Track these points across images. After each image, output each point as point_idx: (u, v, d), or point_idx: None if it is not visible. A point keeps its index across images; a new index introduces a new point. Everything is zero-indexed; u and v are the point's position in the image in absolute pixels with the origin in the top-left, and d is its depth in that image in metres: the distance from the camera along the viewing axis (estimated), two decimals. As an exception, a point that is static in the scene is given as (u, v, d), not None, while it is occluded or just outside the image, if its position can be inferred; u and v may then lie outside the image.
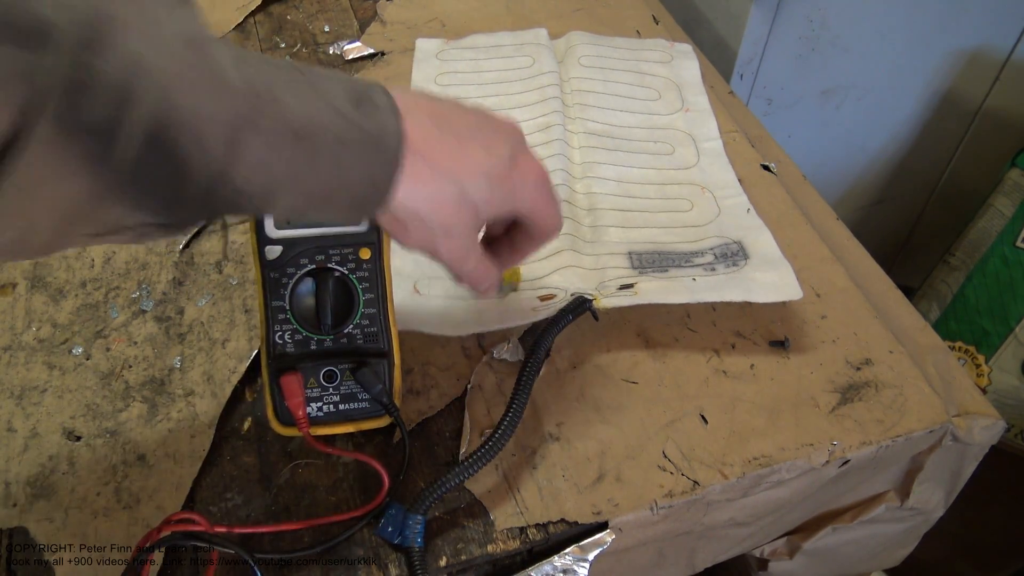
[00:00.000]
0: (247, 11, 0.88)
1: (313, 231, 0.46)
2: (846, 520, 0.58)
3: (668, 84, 0.78)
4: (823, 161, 1.27)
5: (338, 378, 0.47)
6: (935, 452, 0.54)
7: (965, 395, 0.55)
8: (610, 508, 0.48)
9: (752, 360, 0.56)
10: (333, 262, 0.46)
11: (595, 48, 0.81)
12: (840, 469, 0.52)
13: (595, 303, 0.54)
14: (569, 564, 0.47)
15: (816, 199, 0.70)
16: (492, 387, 0.54)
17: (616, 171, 0.68)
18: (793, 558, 0.60)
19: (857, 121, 1.23)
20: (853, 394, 0.54)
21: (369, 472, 0.49)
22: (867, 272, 0.64)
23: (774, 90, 1.12)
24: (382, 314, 0.48)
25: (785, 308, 0.59)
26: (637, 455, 0.50)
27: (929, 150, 1.32)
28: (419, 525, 0.45)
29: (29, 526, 0.46)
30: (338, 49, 0.83)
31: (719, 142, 0.72)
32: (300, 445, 0.51)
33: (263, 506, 0.48)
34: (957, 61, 1.18)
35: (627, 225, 0.63)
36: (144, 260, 0.62)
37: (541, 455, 0.50)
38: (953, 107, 1.25)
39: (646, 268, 0.59)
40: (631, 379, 0.54)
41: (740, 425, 0.52)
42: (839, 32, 1.08)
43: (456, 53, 0.81)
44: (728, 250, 0.60)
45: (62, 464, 0.50)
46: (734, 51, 1.04)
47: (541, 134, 0.71)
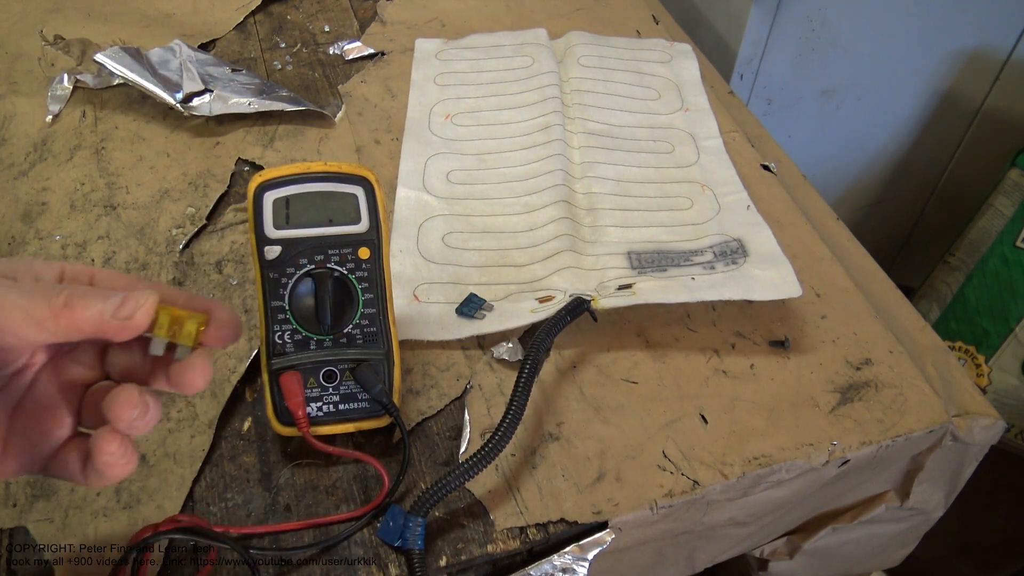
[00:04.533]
0: (247, 11, 0.88)
1: (313, 231, 0.46)
2: (846, 520, 0.58)
3: (668, 84, 0.78)
4: (823, 161, 1.27)
5: (338, 378, 0.47)
6: (935, 452, 0.54)
7: (965, 395, 0.55)
8: (610, 508, 0.48)
9: (752, 360, 0.56)
10: (332, 262, 0.46)
11: (595, 48, 0.81)
12: (840, 469, 0.52)
13: (593, 304, 0.54)
14: (569, 563, 0.47)
15: (816, 199, 0.70)
16: (492, 387, 0.54)
17: (616, 170, 0.68)
18: (793, 558, 0.60)
19: (857, 121, 1.23)
20: (853, 394, 0.54)
21: (369, 472, 0.49)
22: (867, 272, 0.64)
23: (774, 90, 1.12)
24: (382, 314, 0.48)
25: (785, 308, 0.59)
26: (637, 455, 0.50)
27: (929, 150, 1.32)
28: (420, 527, 0.45)
29: (29, 526, 0.46)
30: (338, 49, 0.83)
31: (719, 140, 0.72)
32: (300, 445, 0.50)
33: (263, 506, 0.48)
34: (957, 61, 1.18)
35: (626, 225, 0.63)
36: (144, 260, 0.62)
37: (541, 455, 0.50)
38: (953, 107, 1.25)
39: (645, 268, 0.59)
40: (631, 379, 0.54)
41: (740, 425, 0.52)
42: (839, 32, 1.08)
43: (456, 53, 0.81)
44: (728, 248, 0.60)
45: (62, 464, 0.50)
46: (734, 51, 1.04)
47: (541, 134, 0.71)
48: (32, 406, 0.34)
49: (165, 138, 0.73)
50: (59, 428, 0.34)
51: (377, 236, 0.47)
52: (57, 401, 0.34)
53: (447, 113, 0.74)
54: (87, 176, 0.69)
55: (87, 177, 0.69)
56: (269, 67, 0.82)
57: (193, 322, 0.33)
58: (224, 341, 0.34)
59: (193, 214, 0.66)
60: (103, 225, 0.65)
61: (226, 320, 0.34)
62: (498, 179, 0.68)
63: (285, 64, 0.82)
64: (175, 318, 0.33)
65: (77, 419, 0.35)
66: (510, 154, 0.70)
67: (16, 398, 0.34)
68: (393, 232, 0.63)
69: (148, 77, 0.72)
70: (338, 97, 0.77)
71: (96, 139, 0.73)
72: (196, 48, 0.79)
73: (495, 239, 0.63)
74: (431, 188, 0.67)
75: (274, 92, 0.75)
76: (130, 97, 0.77)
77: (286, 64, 0.82)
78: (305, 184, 0.47)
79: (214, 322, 0.33)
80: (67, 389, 0.35)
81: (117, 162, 0.71)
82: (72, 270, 0.33)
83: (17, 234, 0.64)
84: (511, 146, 0.71)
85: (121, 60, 0.72)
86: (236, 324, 0.34)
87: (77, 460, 0.34)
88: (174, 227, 0.65)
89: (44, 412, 0.34)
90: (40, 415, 0.34)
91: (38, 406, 0.34)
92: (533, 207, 0.65)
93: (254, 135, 0.73)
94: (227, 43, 0.85)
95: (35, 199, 0.67)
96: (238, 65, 0.80)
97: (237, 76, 0.76)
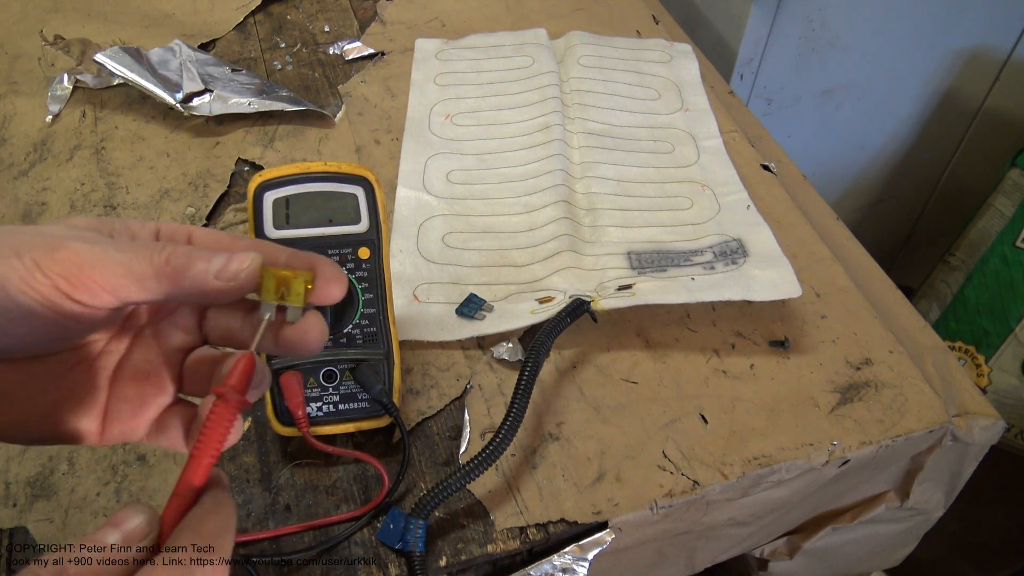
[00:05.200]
0: (247, 11, 0.88)
1: (313, 231, 0.46)
2: (846, 520, 0.58)
3: (668, 84, 0.78)
4: (823, 161, 1.27)
5: (338, 378, 0.47)
6: (935, 452, 0.54)
7: (965, 395, 0.55)
8: (610, 508, 0.48)
9: (752, 360, 0.56)
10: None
11: (595, 48, 0.81)
12: (840, 469, 0.52)
13: (593, 305, 0.54)
14: (568, 563, 0.47)
15: (816, 199, 0.70)
16: (492, 387, 0.54)
17: (615, 170, 0.68)
18: (793, 558, 0.60)
19: (857, 121, 1.23)
20: (853, 394, 0.54)
21: (369, 472, 0.49)
22: (867, 272, 0.64)
23: (774, 90, 1.12)
24: (382, 314, 0.48)
25: (785, 308, 0.59)
26: (637, 455, 0.50)
27: (929, 150, 1.32)
28: (420, 529, 0.45)
29: (29, 526, 0.46)
30: (338, 49, 0.83)
31: (719, 140, 0.72)
32: (300, 445, 0.50)
33: (263, 506, 0.48)
34: (957, 61, 1.18)
35: (626, 225, 0.63)
36: (144, 260, 0.62)
37: (541, 455, 0.50)
38: (953, 107, 1.25)
39: (645, 268, 0.59)
40: (631, 379, 0.54)
41: (740, 425, 0.52)
42: (839, 32, 1.08)
43: (456, 53, 0.81)
44: (727, 248, 0.60)
45: (62, 464, 0.50)
46: (734, 51, 1.04)
47: (541, 134, 0.71)
48: (132, 372, 0.33)
49: (165, 138, 0.73)
50: (161, 395, 0.33)
51: (377, 236, 0.47)
52: (158, 367, 0.33)
53: (447, 113, 0.74)
54: (87, 176, 0.69)
55: (87, 177, 0.69)
56: (269, 67, 0.81)
57: (300, 281, 0.31)
58: (332, 297, 0.32)
59: (193, 214, 0.66)
60: (103, 225, 0.65)
61: (332, 275, 0.32)
62: (498, 179, 0.68)
63: (285, 64, 0.82)
64: (281, 279, 0.30)
65: (178, 386, 0.34)
66: (510, 154, 0.70)
67: (115, 362, 0.33)
68: (393, 232, 0.63)
69: (148, 77, 0.72)
70: (338, 97, 0.77)
71: (96, 139, 0.73)
72: (196, 48, 0.79)
73: (495, 239, 0.63)
74: (431, 188, 0.67)
75: (274, 92, 0.75)
76: (130, 97, 0.77)
77: (286, 64, 0.82)
78: (305, 184, 0.47)
79: (320, 278, 0.31)
80: (167, 354, 0.34)
81: (117, 162, 0.71)
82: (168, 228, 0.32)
83: (17, 234, 0.64)
84: (511, 146, 0.71)
85: (121, 60, 0.72)
86: (342, 278, 0.32)
87: (179, 427, 0.33)
88: (174, 227, 0.65)
89: (145, 378, 0.33)
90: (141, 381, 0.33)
91: (138, 372, 0.33)
92: (533, 207, 0.65)
93: (254, 135, 0.73)
94: (227, 43, 0.85)
95: (35, 199, 0.67)
96: (238, 65, 0.80)
97: (237, 76, 0.76)
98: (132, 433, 0.33)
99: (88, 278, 0.28)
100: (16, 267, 0.27)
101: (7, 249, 0.27)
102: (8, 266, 0.27)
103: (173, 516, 0.27)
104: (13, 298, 0.27)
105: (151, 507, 0.27)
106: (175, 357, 0.34)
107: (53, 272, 0.27)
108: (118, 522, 0.26)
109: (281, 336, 0.31)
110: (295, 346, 0.31)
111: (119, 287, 0.28)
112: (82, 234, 0.29)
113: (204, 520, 0.27)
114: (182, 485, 0.28)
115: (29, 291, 0.27)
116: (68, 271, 0.27)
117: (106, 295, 0.28)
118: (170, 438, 0.33)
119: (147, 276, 0.28)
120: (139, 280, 0.28)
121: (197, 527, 0.27)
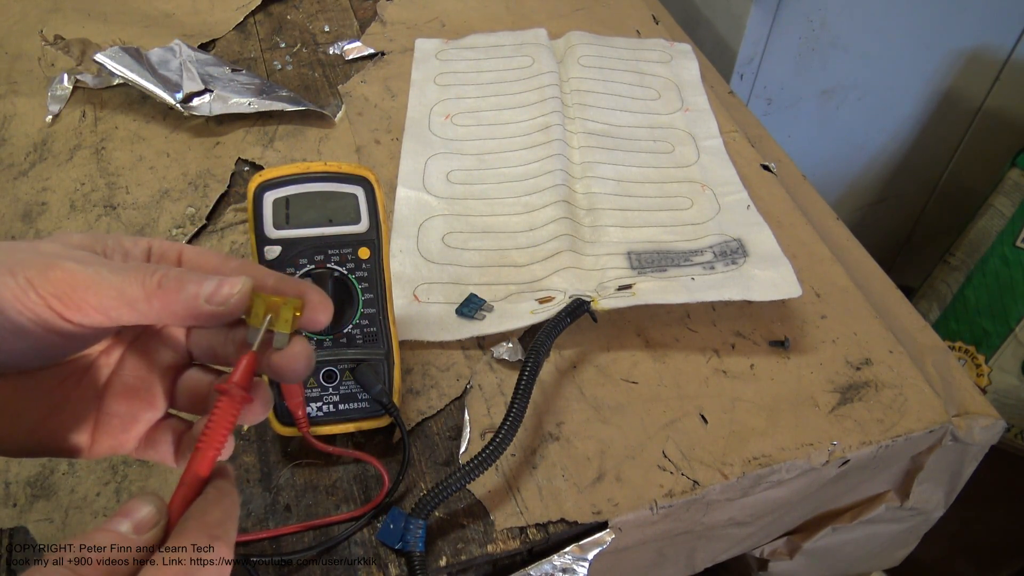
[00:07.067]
0: (247, 11, 0.88)
1: (313, 231, 0.46)
2: (846, 520, 0.58)
3: (668, 84, 0.78)
4: (823, 161, 1.27)
5: (338, 378, 0.47)
6: (935, 452, 0.54)
7: (965, 395, 0.55)
8: (610, 508, 0.48)
9: (752, 360, 0.56)
10: (332, 262, 0.46)
11: (595, 48, 0.81)
12: (840, 469, 0.52)
13: (593, 305, 0.54)
14: (568, 563, 0.47)
15: (816, 199, 0.70)
16: (492, 387, 0.54)
17: (615, 170, 0.68)
18: (793, 558, 0.60)
19: (857, 121, 1.23)
20: (853, 394, 0.54)
21: (369, 472, 0.49)
22: (867, 272, 0.64)
23: (774, 90, 1.12)
24: (382, 314, 0.48)
25: (785, 308, 0.59)
26: (637, 455, 0.50)
27: (929, 150, 1.32)
28: (420, 530, 0.45)
29: (29, 526, 0.46)
30: (338, 49, 0.83)
31: (719, 140, 0.72)
32: (300, 445, 0.50)
33: (263, 506, 0.48)
34: (957, 61, 1.18)
35: (626, 225, 0.63)
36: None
37: (541, 455, 0.50)
38: (953, 107, 1.25)
39: (645, 268, 0.59)
40: (631, 379, 0.54)
41: (740, 425, 0.52)
42: (839, 32, 1.08)
43: (456, 53, 0.81)
44: (727, 248, 0.60)
45: (62, 464, 0.50)
46: (734, 51, 1.04)
47: (540, 134, 0.71)
48: (122, 387, 0.34)
49: (165, 138, 0.73)
50: (151, 409, 0.34)
51: (377, 236, 0.47)
52: (148, 382, 0.34)
53: (447, 113, 0.74)
54: (87, 176, 0.69)
55: (87, 177, 0.69)
56: (269, 67, 0.81)
57: (289, 308, 0.31)
58: (318, 325, 0.32)
59: (193, 214, 0.66)
60: (103, 225, 0.65)
61: (319, 303, 0.32)
62: (498, 179, 0.68)
63: (285, 64, 0.82)
64: (270, 305, 0.31)
65: (169, 401, 0.34)
66: (510, 154, 0.70)
67: (106, 377, 0.33)
68: (393, 232, 0.63)
69: (148, 77, 0.72)
70: (338, 97, 0.77)
71: (96, 139, 0.73)
72: (196, 48, 0.79)
73: (495, 239, 0.63)
74: (431, 188, 0.67)
75: (274, 92, 0.75)
76: (130, 97, 0.77)
77: (286, 64, 0.82)
78: (305, 184, 0.47)
79: (308, 306, 0.32)
80: (157, 369, 0.34)
81: (117, 162, 0.71)
82: (160, 247, 0.32)
83: (17, 234, 0.64)
84: (511, 146, 0.71)
85: (121, 60, 0.72)
86: (329, 307, 0.32)
87: (169, 442, 0.34)
88: (174, 227, 0.65)
89: (135, 393, 0.34)
90: (131, 395, 0.34)
91: (128, 387, 0.34)
92: (533, 207, 0.65)
93: (254, 135, 0.73)
94: (227, 43, 0.85)
95: (35, 199, 0.67)
96: (238, 65, 0.80)
97: (237, 76, 0.76)
98: (122, 447, 0.34)
99: (80, 299, 0.28)
100: (10, 285, 0.27)
101: (1, 267, 0.28)
102: (2, 284, 0.27)
103: (180, 505, 0.28)
104: (6, 315, 0.27)
105: (159, 496, 0.28)
106: (165, 373, 0.34)
107: (46, 291, 0.28)
108: (128, 511, 0.27)
109: (268, 362, 0.32)
110: (282, 372, 0.32)
111: (111, 308, 0.29)
112: (76, 254, 0.30)
113: (209, 509, 0.28)
114: (188, 475, 0.29)
115: (22, 309, 0.28)
116: (61, 291, 0.28)
117: (97, 316, 0.29)
118: (160, 452, 0.34)
119: (139, 299, 0.29)
120: (130, 303, 0.29)
121: (202, 516, 0.27)
